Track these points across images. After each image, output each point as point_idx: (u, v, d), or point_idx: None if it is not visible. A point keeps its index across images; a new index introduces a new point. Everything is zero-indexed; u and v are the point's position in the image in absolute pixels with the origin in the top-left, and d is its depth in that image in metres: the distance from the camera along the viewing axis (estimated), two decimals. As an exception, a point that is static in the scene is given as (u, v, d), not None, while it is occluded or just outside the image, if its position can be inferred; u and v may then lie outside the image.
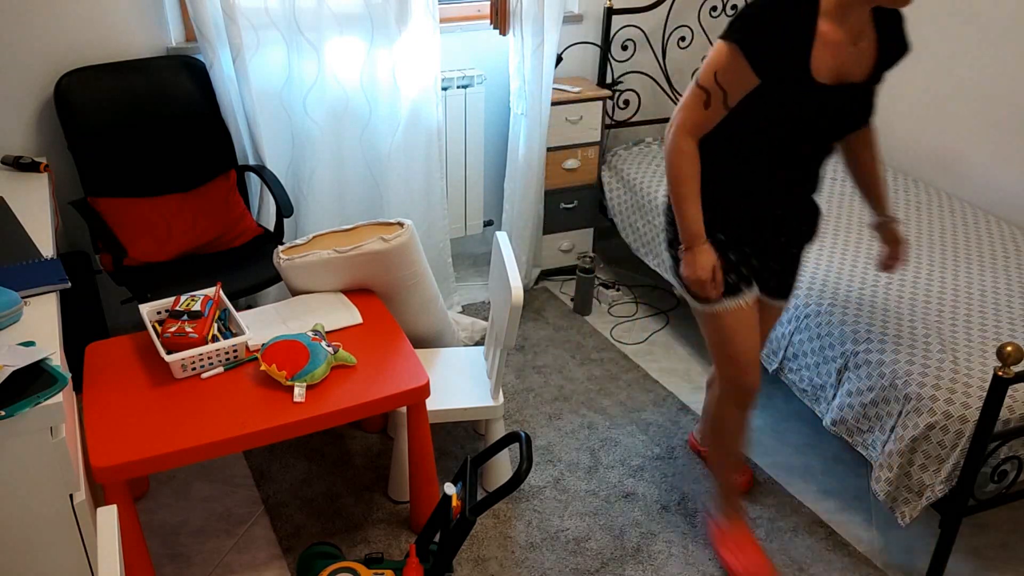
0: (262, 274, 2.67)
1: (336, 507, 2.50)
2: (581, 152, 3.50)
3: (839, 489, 2.63)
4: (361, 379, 2.13)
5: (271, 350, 2.09)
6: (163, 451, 1.87)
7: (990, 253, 2.81)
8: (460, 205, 3.51)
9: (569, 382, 3.07)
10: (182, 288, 2.55)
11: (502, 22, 3.29)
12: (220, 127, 2.88)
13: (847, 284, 2.62)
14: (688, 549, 2.39)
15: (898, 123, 3.54)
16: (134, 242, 2.66)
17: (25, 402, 1.59)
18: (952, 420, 2.08)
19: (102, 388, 2.06)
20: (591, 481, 2.63)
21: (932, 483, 2.13)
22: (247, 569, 2.30)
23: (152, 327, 2.15)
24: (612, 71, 3.64)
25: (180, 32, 2.89)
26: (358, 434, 2.79)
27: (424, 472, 2.30)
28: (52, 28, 2.67)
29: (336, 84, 2.96)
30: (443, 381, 2.51)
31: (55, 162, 2.82)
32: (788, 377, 2.61)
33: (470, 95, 3.29)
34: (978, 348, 2.31)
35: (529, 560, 2.34)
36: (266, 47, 2.86)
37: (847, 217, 3.04)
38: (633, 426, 2.86)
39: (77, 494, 1.74)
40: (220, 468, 2.63)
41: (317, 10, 2.82)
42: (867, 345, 2.34)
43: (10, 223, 2.22)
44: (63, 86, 2.65)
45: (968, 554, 2.41)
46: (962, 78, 3.24)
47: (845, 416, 2.38)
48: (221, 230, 2.80)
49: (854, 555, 2.39)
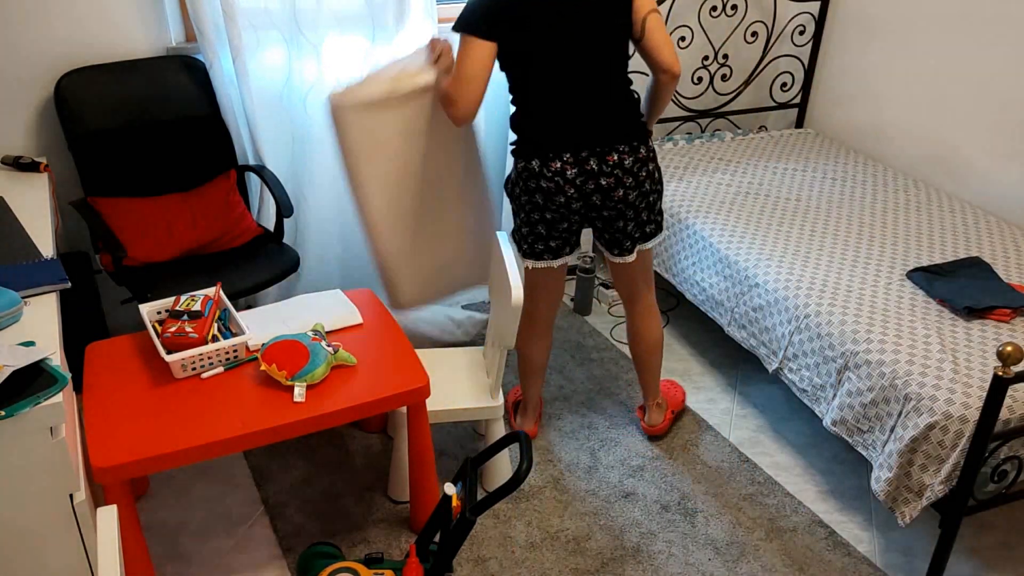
0: (262, 274, 2.67)
1: (336, 507, 2.50)
2: (581, 152, 3.49)
3: (839, 489, 2.63)
4: (361, 379, 2.13)
5: (271, 350, 2.09)
6: (163, 451, 1.87)
7: (990, 253, 2.81)
8: (460, 205, 3.51)
9: (569, 382, 3.07)
10: (182, 288, 2.55)
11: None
12: (220, 127, 2.88)
13: (847, 284, 2.62)
14: (688, 549, 2.39)
15: (898, 123, 3.54)
16: (134, 242, 2.66)
17: (25, 402, 1.59)
18: (952, 420, 2.08)
19: (102, 388, 2.06)
20: (591, 481, 2.63)
21: (932, 483, 2.13)
22: (247, 569, 2.30)
23: (152, 327, 2.15)
24: (612, 71, 3.64)
25: (180, 32, 2.89)
26: (358, 434, 2.79)
27: (424, 472, 2.30)
28: (52, 28, 2.67)
29: (336, 84, 2.95)
30: (443, 381, 2.51)
31: (55, 162, 2.82)
32: (788, 377, 2.61)
33: (470, 95, 3.29)
34: (978, 348, 2.31)
35: (529, 560, 2.34)
36: (266, 47, 2.86)
37: (847, 217, 3.04)
38: (633, 426, 2.86)
39: (77, 494, 1.74)
40: (220, 468, 2.63)
41: (317, 10, 2.82)
42: (867, 345, 2.34)
43: (10, 223, 2.22)
44: (63, 86, 2.65)
45: (968, 554, 2.41)
46: (962, 78, 3.24)
47: (845, 416, 2.38)
48: (221, 230, 2.80)
49: (854, 555, 2.39)
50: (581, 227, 2.48)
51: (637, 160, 2.32)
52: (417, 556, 2.07)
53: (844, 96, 3.79)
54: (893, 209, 3.11)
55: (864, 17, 3.60)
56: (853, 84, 3.72)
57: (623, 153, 2.30)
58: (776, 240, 2.88)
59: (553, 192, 2.33)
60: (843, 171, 3.42)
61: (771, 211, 3.06)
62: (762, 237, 2.90)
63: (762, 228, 2.96)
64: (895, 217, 3.05)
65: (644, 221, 2.44)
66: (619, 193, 2.33)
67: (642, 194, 2.37)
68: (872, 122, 3.66)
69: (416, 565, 2.05)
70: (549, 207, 2.36)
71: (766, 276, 2.70)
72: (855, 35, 3.66)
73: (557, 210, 2.37)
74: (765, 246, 2.84)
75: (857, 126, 3.74)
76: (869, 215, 3.06)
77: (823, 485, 2.65)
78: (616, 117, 2.31)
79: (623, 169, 2.30)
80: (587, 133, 2.29)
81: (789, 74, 3.93)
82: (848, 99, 3.76)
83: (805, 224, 2.99)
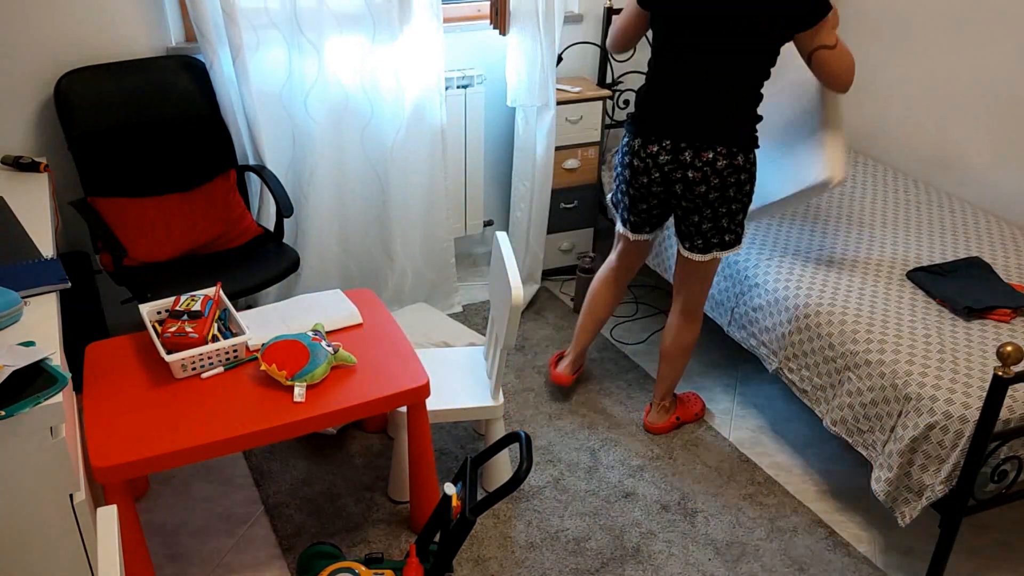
0: (262, 274, 2.67)
1: (336, 507, 2.50)
2: (581, 152, 3.50)
3: (839, 489, 2.63)
4: (361, 379, 2.13)
5: (271, 350, 2.09)
6: (163, 451, 1.87)
7: (990, 253, 2.81)
8: (460, 205, 3.51)
9: (569, 382, 3.07)
10: (182, 288, 2.55)
11: (502, 22, 3.29)
12: (220, 127, 2.88)
13: (847, 284, 2.62)
14: (688, 549, 2.39)
15: (898, 123, 3.54)
16: (134, 242, 2.66)
17: (25, 402, 1.59)
18: (952, 420, 2.08)
19: (102, 388, 2.06)
20: (591, 481, 2.63)
21: (932, 483, 2.13)
22: (247, 569, 2.30)
23: (152, 327, 2.15)
24: (612, 71, 3.64)
25: (180, 32, 2.89)
26: (358, 434, 2.79)
27: (424, 472, 2.30)
28: (52, 28, 2.67)
29: (336, 84, 2.96)
30: (443, 381, 2.51)
31: (55, 162, 2.82)
32: (788, 377, 2.61)
33: (470, 95, 3.29)
34: (978, 348, 2.31)
35: (529, 560, 2.34)
36: (266, 47, 2.86)
37: (847, 217, 3.04)
38: (633, 426, 2.86)
39: (77, 494, 1.74)
40: (220, 468, 2.63)
41: (317, 10, 2.82)
42: (867, 345, 2.34)
43: (10, 223, 2.22)
44: (63, 86, 2.65)
45: (968, 554, 2.41)
46: (962, 78, 3.24)
47: (845, 416, 2.38)
48: (221, 230, 2.80)
49: (854, 555, 2.39)
50: (664, 213, 2.60)
51: (730, 166, 2.36)
52: (417, 556, 2.07)
53: (844, 96, 3.79)
54: (893, 209, 3.11)
55: (864, 17, 3.60)
56: (854, 84, 3.72)
57: (719, 154, 2.35)
58: (776, 240, 2.88)
59: (640, 172, 2.47)
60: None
61: (771, 211, 3.06)
62: (762, 237, 2.90)
63: (762, 228, 2.96)
64: (895, 217, 3.05)
65: (723, 228, 2.47)
66: (701, 189, 2.40)
67: (724, 198, 2.41)
68: (872, 122, 3.66)
69: (416, 565, 2.05)
70: (633, 184, 2.52)
71: (766, 276, 2.70)
72: (855, 35, 3.66)
73: (639, 189, 2.52)
74: (765, 246, 2.84)
75: (857, 126, 3.74)
76: (869, 215, 3.06)
77: (823, 485, 2.65)
78: (726, 120, 2.36)
79: (713, 169, 2.37)
80: (693, 127, 2.37)
81: (789, 74, 3.93)
82: (848, 99, 3.76)
83: (805, 224, 2.99)
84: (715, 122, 2.36)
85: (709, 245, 2.50)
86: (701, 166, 2.37)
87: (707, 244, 2.50)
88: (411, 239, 3.30)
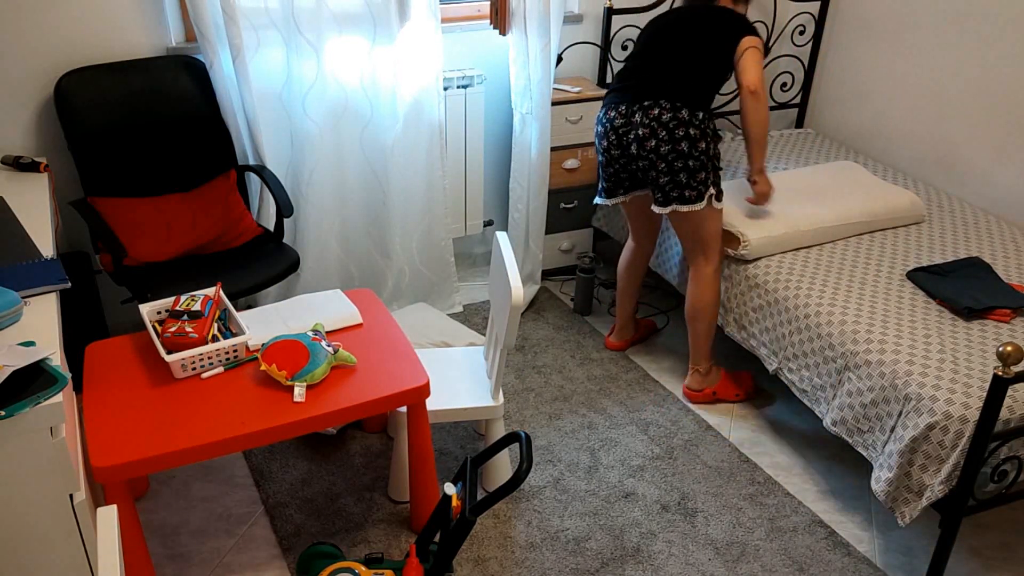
0: (262, 274, 2.67)
1: (336, 507, 2.50)
2: (581, 152, 3.50)
3: (839, 489, 2.63)
4: (361, 379, 2.13)
5: (271, 350, 2.09)
6: (163, 451, 1.87)
7: (990, 253, 2.81)
8: (460, 205, 3.51)
9: (569, 382, 3.07)
10: (182, 288, 2.55)
11: (502, 22, 3.29)
12: (220, 127, 2.88)
13: (847, 284, 2.62)
14: (688, 549, 2.39)
15: (898, 123, 3.54)
16: (134, 242, 2.66)
17: (25, 402, 1.59)
18: (952, 420, 2.08)
19: (102, 388, 2.06)
20: (591, 481, 2.63)
21: (932, 483, 2.13)
22: (247, 569, 2.30)
23: (152, 327, 2.15)
24: (612, 71, 3.64)
25: (180, 32, 2.89)
26: (358, 434, 2.79)
27: (424, 472, 2.30)
28: (52, 28, 2.67)
29: (336, 84, 2.96)
30: (443, 381, 2.51)
31: (55, 162, 2.82)
32: (788, 377, 2.61)
33: (470, 95, 3.29)
34: (978, 348, 2.31)
35: (529, 560, 2.34)
36: (266, 47, 2.86)
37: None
38: (633, 426, 2.86)
39: (77, 494, 1.74)
40: (220, 468, 2.63)
41: (317, 10, 2.82)
42: (867, 345, 2.35)
43: (10, 223, 2.22)
44: (63, 86, 2.65)
45: (968, 554, 2.42)
46: (962, 78, 3.24)
47: (845, 416, 2.38)
48: (221, 230, 2.81)
49: (854, 555, 2.39)
50: (631, 176, 2.82)
51: (675, 119, 2.59)
52: (417, 556, 2.07)
53: (844, 96, 3.79)
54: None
55: (864, 17, 3.61)
56: (853, 84, 3.72)
57: (663, 109, 2.61)
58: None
59: (601, 136, 2.79)
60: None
61: (771, 211, 3.06)
62: (762, 237, 2.90)
63: (762, 228, 2.95)
64: (895, 217, 3.05)
65: (681, 183, 2.64)
66: (651, 143, 2.62)
67: (677, 152, 2.60)
68: (872, 122, 3.66)
69: (416, 565, 2.05)
70: (599, 150, 2.83)
71: (766, 276, 2.70)
72: (855, 35, 3.66)
73: (603, 153, 2.81)
74: (765, 246, 2.84)
75: (857, 126, 3.74)
76: (869, 215, 3.06)
77: (823, 485, 2.65)
78: (672, 83, 2.63)
79: (659, 122, 2.60)
80: (643, 90, 2.66)
81: (789, 74, 3.93)
82: (848, 99, 3.76)
83: (805, 224, 2.98)
84: (661, 83, 2.65)
85: (668, 199, 2.67)
86: (648, 122, 2.62)
87: (666, 197, 2.67)
88: (410, 239, 3.30)
